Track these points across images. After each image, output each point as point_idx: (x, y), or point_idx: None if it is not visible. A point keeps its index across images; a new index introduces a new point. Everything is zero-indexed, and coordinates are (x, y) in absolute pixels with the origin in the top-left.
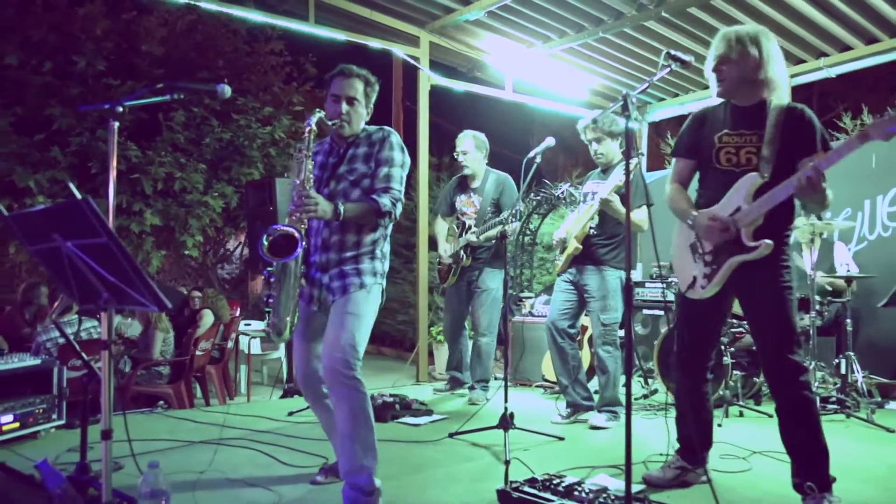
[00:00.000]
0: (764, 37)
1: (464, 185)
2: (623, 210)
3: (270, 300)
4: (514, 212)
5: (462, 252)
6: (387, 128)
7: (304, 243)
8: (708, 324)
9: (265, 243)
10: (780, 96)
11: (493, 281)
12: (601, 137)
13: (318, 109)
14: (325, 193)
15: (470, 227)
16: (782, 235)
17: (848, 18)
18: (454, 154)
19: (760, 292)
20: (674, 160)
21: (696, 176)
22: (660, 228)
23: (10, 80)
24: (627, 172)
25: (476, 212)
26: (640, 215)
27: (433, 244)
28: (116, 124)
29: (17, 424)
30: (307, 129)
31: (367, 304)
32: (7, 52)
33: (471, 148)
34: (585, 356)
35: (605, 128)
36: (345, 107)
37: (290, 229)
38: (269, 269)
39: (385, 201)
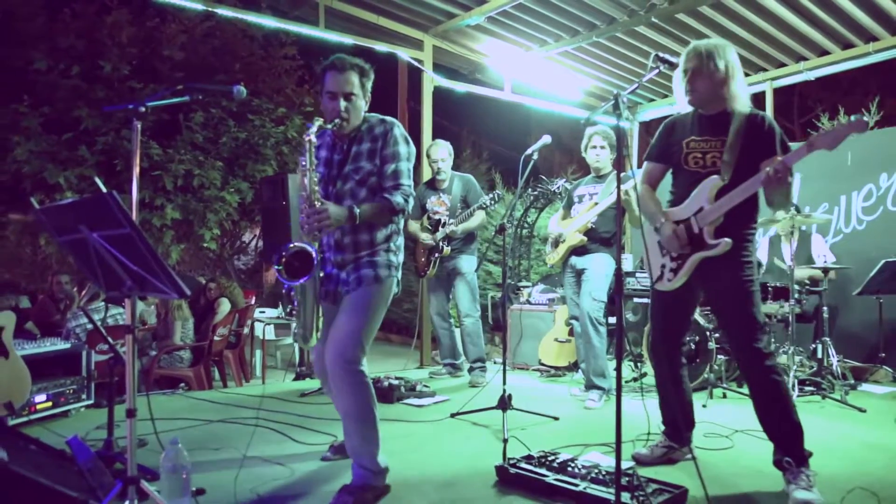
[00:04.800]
0: (730, 51)
1: (432, 187)
2: (634, 208)
3: (294, 312)
4: (494, 196)
5: (441, 243)
6: (388, 119)
7: (318, 257)
8: (678, 313)
9: (280, 269)
10: (742, 104)
11: (468, 265)
12: (605, 146)
13: (316, 118)
14: (331, 193)
15: (444, 223)
16: (743, 233)
17: (826, 25)
18: (430, 163)
19: (724, 287)
20: (645, 163)
21: (669, 177)
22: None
23: (40, 83)
24: (619, 170)
25: (448, 209)
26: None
27: (414, 240)
28: (139, 124)
29: (49, 404)
30: (307, 141)
31: (378, 297)
32: (37, 58)
33: (447, 156)
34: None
35: (612, 140)
36: (343, 104)
37: (302, 246)
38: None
39: (398, 199)
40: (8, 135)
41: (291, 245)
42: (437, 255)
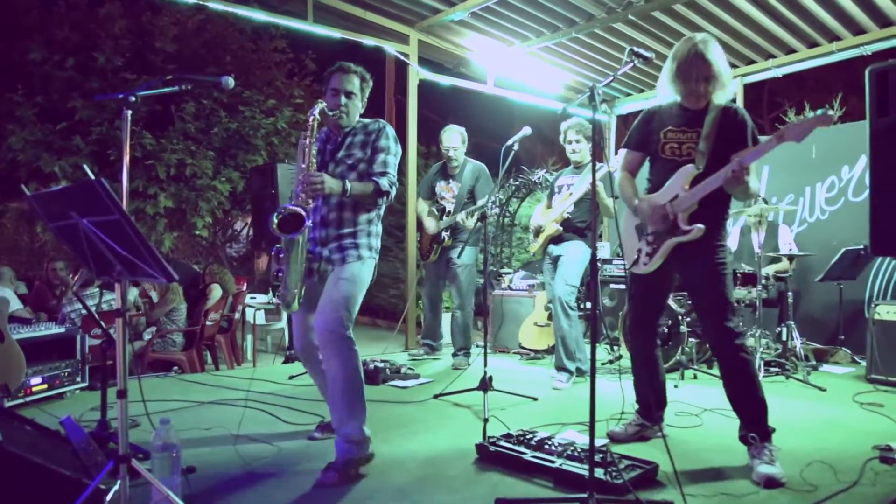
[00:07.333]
0: (720, 49)
1: (445, 172)
2: (603, 199)
3: (280, 273)
4: (494, 198)
5: (443, 233)
6: (381, 120)
7: (310, 221)
8: (653, 296)
9: (275, 220)
10: (722, 98)
11: (469, 258)
12: (581, 139)
13: (320, 100)
14: None
15: (448, 212)
16: (716, 220)
17: (793, 24)
18: (442, 149)
19: (698, 270)
20: (624, 151)
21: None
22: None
23: (35, 74)
24: (594, 161)
25: (454, 197)
26: (611, 203)
27: (420, 225)
28: (130, 113)
29: (45, 386)
30: (311, 119)
31: (361, 273)
32: (32, 49)
33: (459, 143)
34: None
35: (587, 132)
36: (343, 100)
37: (298, 208)
38: (277, 245)
39: (384, 182)
40: (3, 124)
41: (289, 206)
42: (438, 242)
